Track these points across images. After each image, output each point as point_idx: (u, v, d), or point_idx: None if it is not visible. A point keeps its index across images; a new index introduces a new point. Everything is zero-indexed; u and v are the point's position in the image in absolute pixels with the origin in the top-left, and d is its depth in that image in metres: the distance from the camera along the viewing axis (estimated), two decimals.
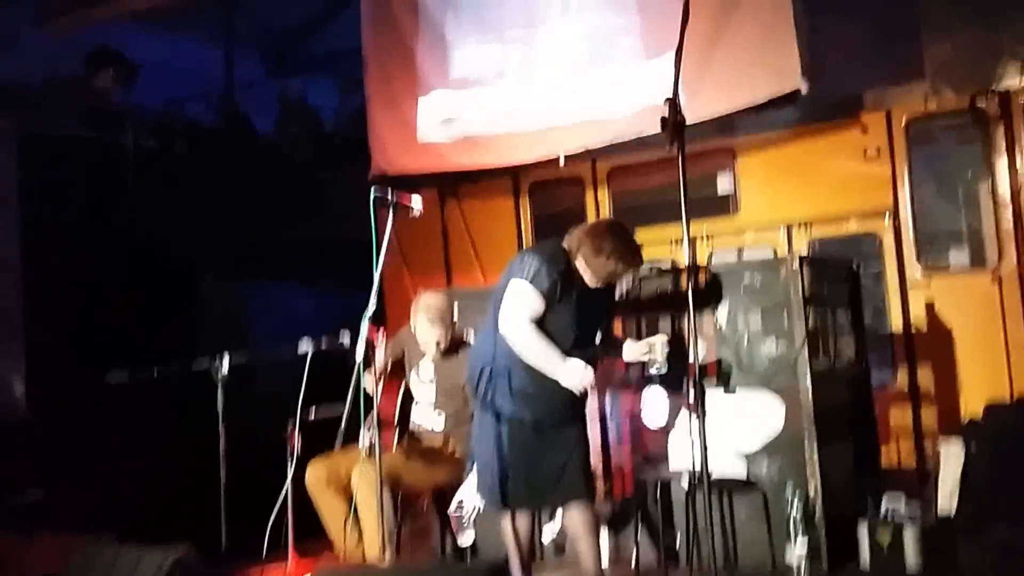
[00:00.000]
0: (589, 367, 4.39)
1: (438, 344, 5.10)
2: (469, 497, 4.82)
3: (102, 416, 6.94)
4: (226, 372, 4.97)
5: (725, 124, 6.53)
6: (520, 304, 4.34)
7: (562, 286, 4.36)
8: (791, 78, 6.07)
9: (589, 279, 4.46)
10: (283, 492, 4.74)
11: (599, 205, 6.88)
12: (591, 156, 6.59)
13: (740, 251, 6.72)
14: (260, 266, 9.07)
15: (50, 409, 7.74)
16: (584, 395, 4.60)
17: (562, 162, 6.45)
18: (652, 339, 4.73)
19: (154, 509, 5.92)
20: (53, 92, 8.53)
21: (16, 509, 6.21)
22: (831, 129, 6.69)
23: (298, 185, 8.96)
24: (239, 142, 9.43)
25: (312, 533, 5.00)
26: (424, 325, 5.09)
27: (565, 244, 4.48)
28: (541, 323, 4.36)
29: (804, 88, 6.10)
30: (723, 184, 6.82)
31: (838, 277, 5.75)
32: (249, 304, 9.32)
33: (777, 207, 6.78)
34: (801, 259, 5.15)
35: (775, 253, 6.66)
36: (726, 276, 5.28)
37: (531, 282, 4.33)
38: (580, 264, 4.44)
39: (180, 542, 4.18)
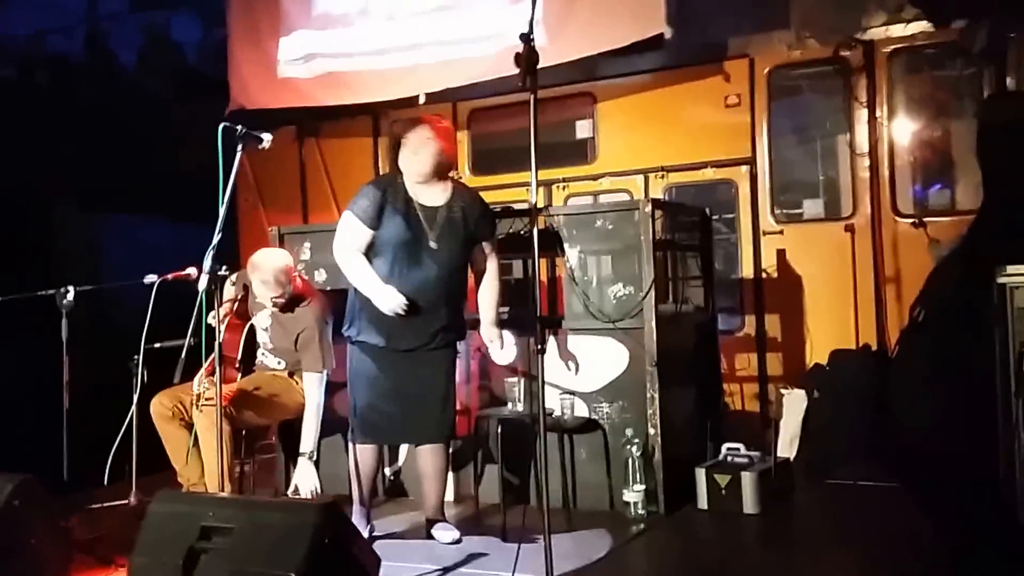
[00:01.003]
0: (399, 295, 4.50)
1: (272, 301, 5.19)
2: (304, 481, 5.00)
3: None
4: (71, 300, 5.01)
5: (588, 69, 6.66)
6: (341, 231, 4.63)
7: (384, 203, 4.55)
8: (655, 23, 6.25)
9: (412, 182, 4.61)
10: (126, 422, 4.84)
11: (459, 146, 6.98)
12: (452, 97, 6.68)
13: (596, 197, 6.89)
14: (117, 199, 9.05)
15: None
16: (452, 326, 4.70)
17: (422, 100, 6.52)
18: (506, 335, 4.90)
19: None
20: None
21: None
22: (694, 76, 6.88)
23: (158, 119, 8.93)
24: (101, 75, 9.33)
25: (156, 465, 5.13)
26: (257, 285, 5.12)
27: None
28: (372, 246, 4.59)
29: (668, 33, 6.27)
30: (582, 130, 6.98)
31: (690, 223, 5.92)
32: (104, 236, 9.30)
33: (636, 154, 6.98)
34: (653, 203, 5.26)
35: (631, 199, 6.80)
36: (579, 220, 5.40)
37: (350, 208, 4.59)
38: (405, 175, 4.63)
39: (23, 470, 4.24)
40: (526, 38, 3.61)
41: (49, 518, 4.20)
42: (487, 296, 4.84)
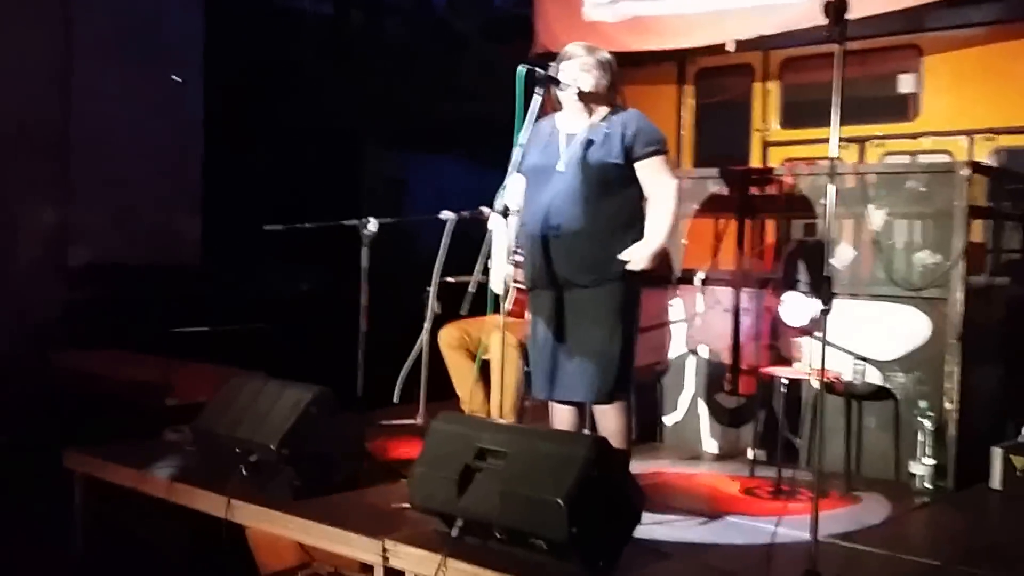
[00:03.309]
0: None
1: None
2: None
3: (261, 265, 7.82)
4: (372, 231, 5.52)
5: (915, 20, 6.48)
6: None
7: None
8: None
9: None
10: (416, 348, 5.32)
11: (767, 97, 7.01)
12: (763, 45, 6.69)
13: (914, 157, 6.74)
14: (421, 137, 9.70)
15: (220, 255, 8.72)
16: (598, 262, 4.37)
17: (731, 47, 6.56)
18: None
19: (299, 351, 6.70)
20: None
21: (185, 340, 7.15)
22: None
23: (465, 59, 9.45)
24: (412, 14, 9.94)
25: (442, 392, 5.63)
26: None
27: None
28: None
29: None
30: (904, 84, 6.81)
31: (1017, 191, 5.76)
32: (407, 173, 10.02)
33: (962, 113, 6.73)
34: (972, 166, 5.15)
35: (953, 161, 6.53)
36: (889, 180, 5.37)
37: None
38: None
39: (323, 384, 4.78)
40: None
41: (343, 428, 4.77)
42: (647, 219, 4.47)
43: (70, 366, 7.67)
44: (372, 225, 5.49)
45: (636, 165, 4.42)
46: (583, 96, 4.47)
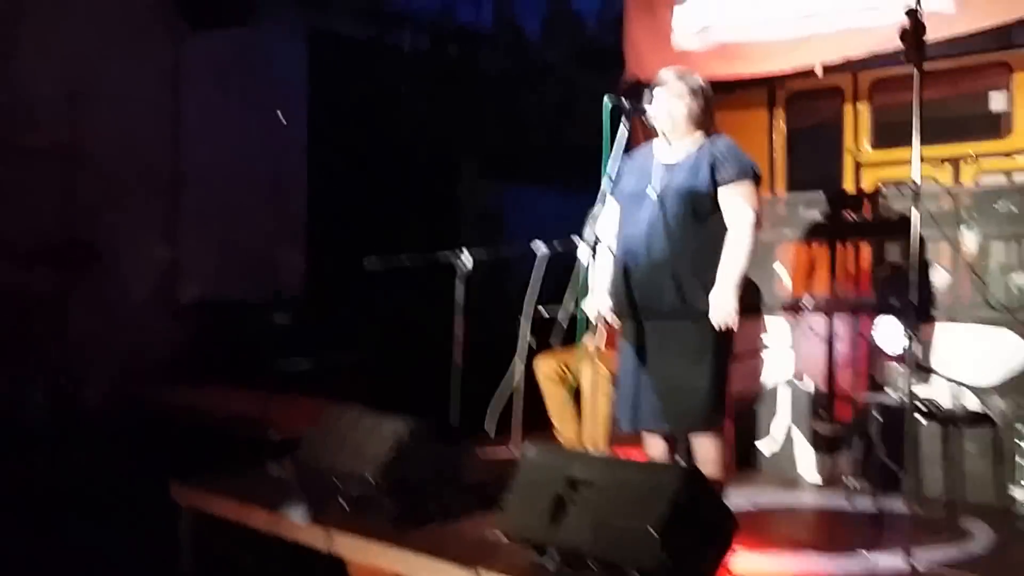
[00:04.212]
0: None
1: None
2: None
3: (362, 299, 8.05)
4: (468, 264, 5.66)
5: (1001, 37, 6.41)
6: None
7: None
8: None
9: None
10: (511, 379, 5.44)
11: (858, 119, 6.98)
12: (852, 67, 6.68)
13: (1010, 176, 6.64)
14: (515, 166, 9.87)
15: (322, 289, 9.01)
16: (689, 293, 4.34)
17: (819, 71, 6.55)
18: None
19: (396, 383, 6.88)
20: None
21: (289, 374, 7.41)
22: None
23: (557, 88, 9.60)
24: (506, 45, 10.13)
25: (537, 422, 5.75)
26: None
27: None
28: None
29: None
30: (996, 102, 6.73)
31: None
32: (501, 201, 10.20)
33: None
34: None
35: None
36: (982, 200, 5.33)
37: None
38: None
39: (420, 415, 4.91)
40: (913, 14, 3.67)
41: (438, 459, 4.90)
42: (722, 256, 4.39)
43: (177, 401, 7.98)
44: (467, 259, 5.64)
45: (719, 192, 4.38)
46: (675, 127, 4.51)
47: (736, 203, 4.37)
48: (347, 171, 10.13)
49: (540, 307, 5.47)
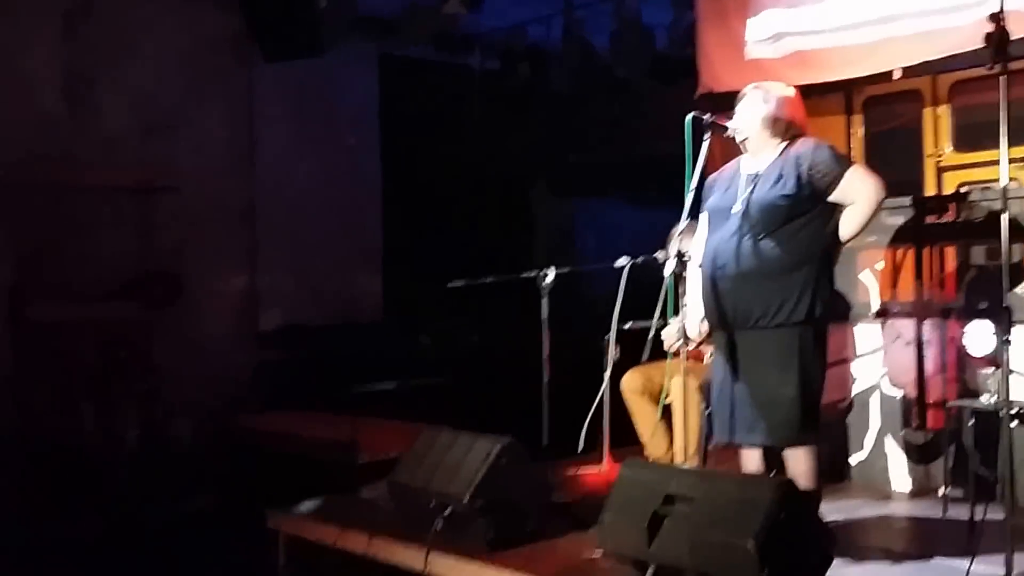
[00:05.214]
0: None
1: None
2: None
3: (443, 319, 8.16)
4: (550, 282, 5.72)
5: None
6: None
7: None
8: None
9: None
10: (599, 396, 5.48)
11: (938, 122, 6.92)
12: (930, 69, 6.61)
13: None
14: (588, 182, 9.92)
15: (402, 312, 9.14)
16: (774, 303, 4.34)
17: (897, 75, 6.50)
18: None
19: (484, 403, 6.95)
20: (408, 17, 9.67)
21: (370, 397, 7.53)
22: None
23: (630, 104, 9.64)
24: (577, 62, 10.20)
25: (625, 437, 5.78)
26: None
27: None
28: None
29: None
30: None
31: None
32: (577, 219, 10.25)
33: None
34: None
35: None
36: None
37: None
38: None
39: (508, 434, 4.95)
40: (996, 17, 3.66)
41: (532, 477, 4.96)
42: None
43: (264, 428, 8.14)
44: (550, 276, 5.71)
45: (830, 199, 4.39)
46: (750, 136, 4.55)
47: (852, 192, 4.38)
48: (421, 194, 10.27)
49: (624, 323, 5.51)
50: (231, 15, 8.97)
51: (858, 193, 4.39)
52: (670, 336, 4.73)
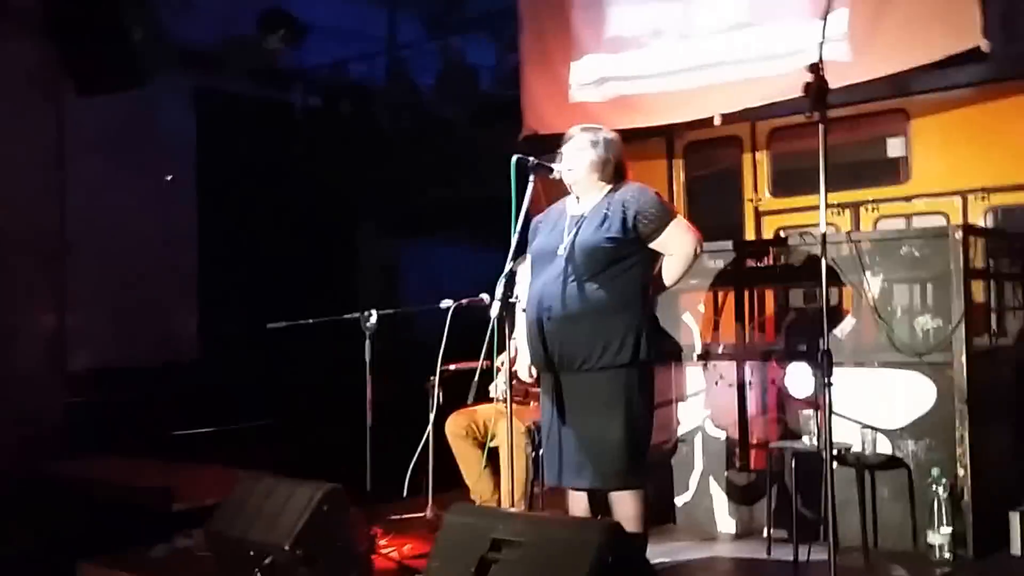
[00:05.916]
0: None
1: None
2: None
3: (263, 361, 7.92)
4: (374, 323, 5.59)
5: (899, 84, 6.58)
6: None
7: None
8: (970, 35, 6.04)
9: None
10: (423, 440, 5.37)
11: (757, 167, 7.12)
12: (750, 116, 6.81)
13: (909, 220, 6.83)
14: (414, 223, 9.86)
15: (219, 353, 8.83)
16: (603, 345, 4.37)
17: (718, 121, 6.67)
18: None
19: (306, 447, 6.75)
20: (227, 52, 9.44)
21: (188, 441, 7.21)
22: (1019, 90, 6.60)
23: (454, 144, 9.63)
24: (401, 101, 10.15)
25: (451, 482, 5.67)
26: None
27: None
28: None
29: (985, 46, 6.12)
30: (894, 148, 6.90)
31: (1014, 249, 5.80)
32: (402, 259, 10.17)
33: (954, 174, 6.80)
34: (967, 228, 5.22)
35: (948, 223, 6.59)
36: (884, 245, 5.41)
37: None
38: None
39: (329, 479, 4.79)
40: (815, 67, 3.76)
41: (354, 524, 4.80)
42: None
43: (73, 474, 7.71)
44: (373, 317, 5.57)
45: (651, 246, 4.49)
46: (575, 178, 4.57)
47: (672, 243, 4.50)
48: (240, 232, 9.99)
49: (450, 365, 5.43)
50: (42, 48, 8.56)
51: (677, 247, 4.52)
52: (496, 385, 4.77)
